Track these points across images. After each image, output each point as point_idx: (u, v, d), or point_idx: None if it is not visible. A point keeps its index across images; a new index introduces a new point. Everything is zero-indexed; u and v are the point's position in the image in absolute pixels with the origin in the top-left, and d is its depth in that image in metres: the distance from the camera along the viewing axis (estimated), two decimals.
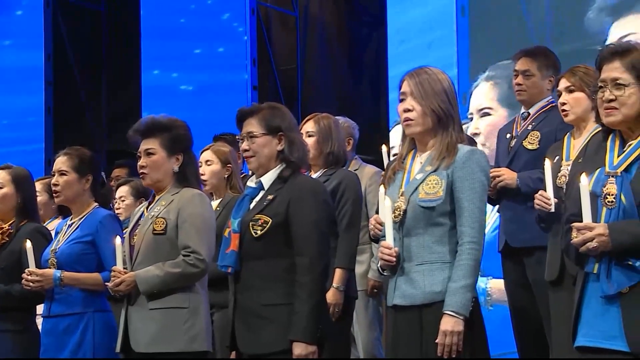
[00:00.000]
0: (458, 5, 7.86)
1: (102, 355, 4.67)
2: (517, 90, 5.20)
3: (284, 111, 4.12)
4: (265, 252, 3.91)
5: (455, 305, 3.52)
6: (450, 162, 3.62)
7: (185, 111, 8.75)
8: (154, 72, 9.99)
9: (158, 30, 9.97)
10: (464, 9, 7.87)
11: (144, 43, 10.01)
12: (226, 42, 9.75)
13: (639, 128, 3.33)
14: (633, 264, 3.22)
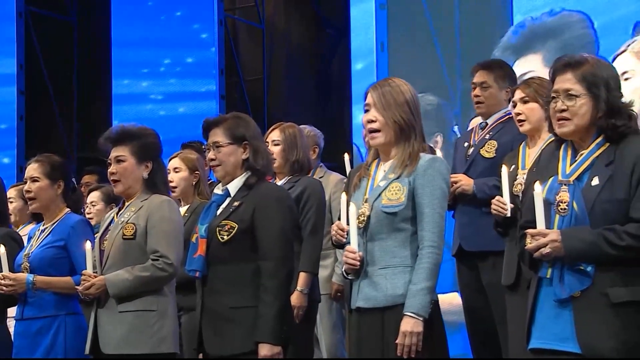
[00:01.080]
0: (377, 42, 8.20)
1: (74, 357, 4.65)
2: (476, 102, 5.22)
3: (248, 121, 4.13)
4: (231, 257, 3.92)
5: (415, 307, 3.53)
6: (412, 170, 3.65)
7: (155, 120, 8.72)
8: (124, 81, 9.94)
9: (128, 41, 9.93)
10: (383, 45, 8.21)
11: (114, 53, 9.97)
12: (195, 53, 9.72)
13: (590, 138, 3.35)
14: (584, 268, 3.24)
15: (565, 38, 6.72)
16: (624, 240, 3.20)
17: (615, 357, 3.19)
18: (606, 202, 3.24)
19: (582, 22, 6.73)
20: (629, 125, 3.32)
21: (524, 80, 4.82)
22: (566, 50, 6.14)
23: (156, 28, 9.89)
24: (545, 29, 6.78)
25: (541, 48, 6.75)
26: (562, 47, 6.61)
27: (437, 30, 7.97)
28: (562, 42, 6.73)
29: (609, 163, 3.28)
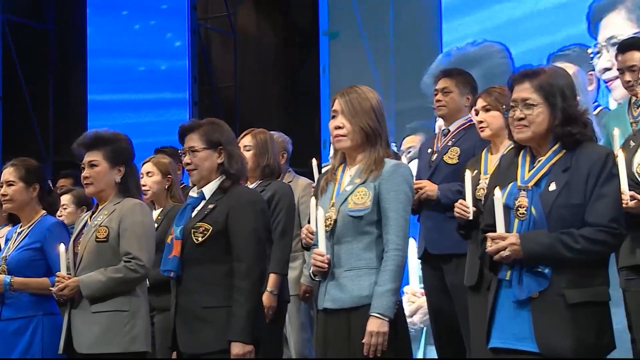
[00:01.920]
0: (320, 65, 8.58)
1: (51, 356, 4.63)
2: (437, 106, 5.24)
3: (223, 126, 4.12)
4: (205, 258, 3.91)
5: (381, 308, 3.54)
6: (377, 175, 3.65)
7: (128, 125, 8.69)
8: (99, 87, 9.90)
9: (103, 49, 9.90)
10: (325, 69, 8.59)
11: (89, 60, 9.95)
12: (168, 61, 9.70)
13: (547, 145, 3.37)
14: (542, 270, 3.26)
15: (486, 66, 6.97)
16: (579, 243, 3.22)
17: (572, 355, 3.21)
18: (563, 207, 3.26)
19: (501, 52, 6.99)
20: (584, 132, 3.35)
21: (486, 89, 4.83)
22: (487, 77, 6.60)
23: (131, 37, 9.88)
24: (469, 58, 7.06)
25: None
26: (484, 74, 6.81)
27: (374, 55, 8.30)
28: (483, 69, 6.95)
29: (566, 169, 3.30)
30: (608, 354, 3.34)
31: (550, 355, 3.23)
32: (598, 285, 3.29)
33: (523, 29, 7.27)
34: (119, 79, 9.82)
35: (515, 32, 7.25)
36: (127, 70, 9.78)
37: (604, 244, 3.26)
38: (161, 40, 9.74)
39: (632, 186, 3.99)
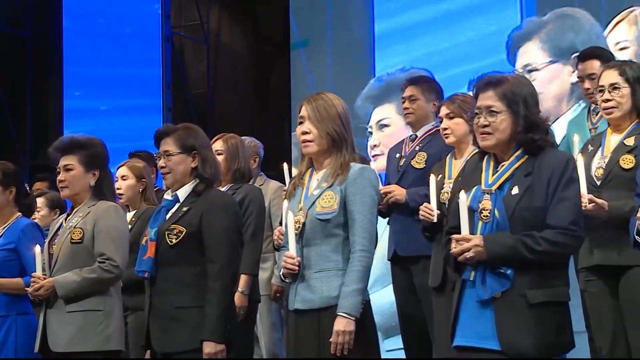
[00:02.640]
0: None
1: (24, 356, 4.59)
2: (406, 113, 5.24)
3: (197, 131, 4.10)
4: (179, 259, 3.88)
5: (348, 307, 3.53)
6: (344, 179, 3.65)
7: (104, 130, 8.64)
8: (75, 93, 9.85)
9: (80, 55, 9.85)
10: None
11: (66, 67, 9.89)
12: (142, 67, 9.66)
13: (510, 150, 3.37)
14: (505, 271, 3.26)
15: None
16: (540, 245, 3.22)
17: (532, 353, 3.21)
18: (525, 210, 3.26)
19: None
20: (545, 139, 3.36)
21: (449, 97, 4.85)
22: None
23: (106, 44, 9.83)
24: (398, 83, 7.02)
25: (395, 98, 7.09)
26: None
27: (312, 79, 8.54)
28: None
29: (528, 174, 3.30)
30: (568, 352, 3.34)
31: (512, 353, 3.23)
32: (558, 285, 3.30)
33: (448, 57, 7.57)
34: (95, 85, 9.78)
35: (441, 60, 7.56)
36: (103, 76, 9.74)
37: (565, 246, 3.27)
38: (135, 47, 9.71)
39: (591, 189, 4.02)
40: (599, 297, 4.14)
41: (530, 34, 6.57)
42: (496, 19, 7.39)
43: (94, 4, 10.04)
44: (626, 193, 3.77)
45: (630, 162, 3.98)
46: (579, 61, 5.00)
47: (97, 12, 10.00)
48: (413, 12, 7.99)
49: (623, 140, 4.11)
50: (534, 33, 6.24)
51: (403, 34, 7.99)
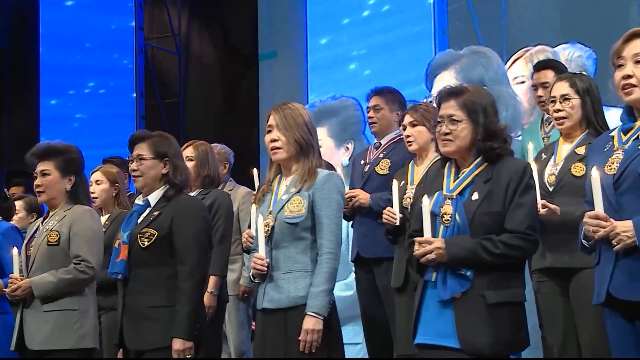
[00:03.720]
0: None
1: (1, 354, 4.51)
2: (370, 122, 5.24)
3: (171, 140, 4.09)
4: (151, 261, 3.86)
5: (316, 307, 3.52)
6: (311, 184, 3.65)
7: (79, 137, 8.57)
8: (51, 102, 9.76)
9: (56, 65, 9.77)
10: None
11: (42, 76, 9.82)
12: (117, 77, 9.62)
13: (470, 157, 3.37)
14: (464, 273, 3.26)
15: (342, 117, 7.38)
16: (498, 248, 3.22)
17: (489, 351, 3.21)
18: (484, 215, 3.26)
19: (354, 105, 7.37)
20: (504, 147, 3.37)
21: (412, 106, 4.84)
22: (343, 125, 7.27)
23: (82, 54, 9.77)
24: (329, 109, 7.47)
25: (326, 123, 7.35)
26: (340, 123, 7.35)
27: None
28: (340, 119, 7.38)
29: (487, 180, 3.31)
30: (523, 350, 3.34)
31: (470, 351, 3.23)
32: (515, 287, 3.30)
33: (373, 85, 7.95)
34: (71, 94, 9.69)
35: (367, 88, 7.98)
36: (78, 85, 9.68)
37: (521, 249, 3.27)
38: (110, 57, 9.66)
39: (544, 195, 4.03)
40: (551, 297, 4.14)
41: (447, 64, 6.81)
42: (414, 53, 7.75)
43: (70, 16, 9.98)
44: (577, 199, 3.76)
45: (581, 170, 4.00)
46: (535, 71, 5.05)
47: (73, 24, 9.95)
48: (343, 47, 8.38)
49: (574, 149, 4.13)
50: (450, 64, 6.46)
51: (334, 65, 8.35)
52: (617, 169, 3.05)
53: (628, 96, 3.09)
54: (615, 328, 3.08)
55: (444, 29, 7.68)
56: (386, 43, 8.09)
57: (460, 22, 7.61)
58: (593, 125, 4.14)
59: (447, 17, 7.68)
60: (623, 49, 3.11)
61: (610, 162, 3.08)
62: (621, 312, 3.04)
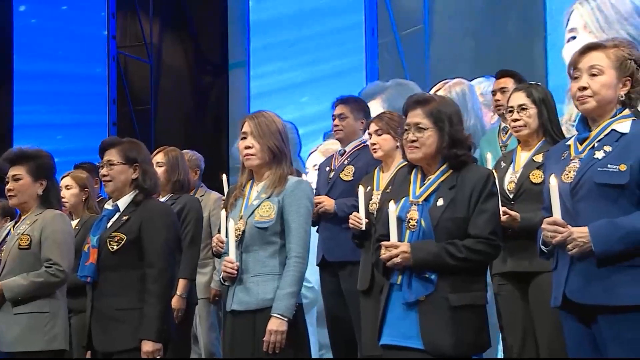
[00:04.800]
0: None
1: None
2: (335, 130, 5.23)
3: (141, 146, 4.07)
4: (120, 265, 3.82)
5: (281, 309, 3.50)
6: (281, 190, 3.63)
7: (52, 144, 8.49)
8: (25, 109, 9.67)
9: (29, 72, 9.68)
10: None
11: (16, 83, 9.72)
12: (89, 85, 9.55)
13: (436, 165, 3.37)
14: (429, 276, 3.24)
15: None
16: (462, 252, 3.22)
17: (452, 352, 3.20)
18: (449, 220, 3.25)
19: (290, 129, 7.64)
20: (469, 155, 3.37)
21: (378, 115, 4.84)
22: None
23: (55, 62, 9.70)
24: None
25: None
26: None
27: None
28: None
29: (452, 187, 3.30)
30: (484, 351, 3.33)
31: (433, 352, 3.21)
32: (477, 290, 3.29)
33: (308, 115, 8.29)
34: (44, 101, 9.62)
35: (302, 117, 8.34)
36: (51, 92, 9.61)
37: (484, 254, 3.26)
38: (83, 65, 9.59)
39: (504, 202, 4.03)
40: (511, 300, 4.15)
41: (374, 94, 7.14)
42: (348, 83, 7.97)
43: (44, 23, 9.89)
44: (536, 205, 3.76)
45: (539, 177, 4.01)
46: (496, 78, 5.14)
47: (46, 32, 9.88)
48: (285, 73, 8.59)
49: (532, 157, 4.15)
50: (377, 94, 6.86)
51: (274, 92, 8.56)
52: (573, 177, 3.05)
53: (582, 106, 3.10)
54: (571, 330, 3.09)
55: (375, 60, 8.01)
56: (324, 72, 8.32)
57: (389, 56, 7.95)
58: (549, 134, 4.16)
59: (377, 51, 8.01)
60: (579, 61, 3.11)
61: (567, 171, 3.08)
62: (577, 315, 3.04)
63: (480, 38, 7.39)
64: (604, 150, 3.03)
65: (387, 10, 7.92)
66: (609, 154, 3.02)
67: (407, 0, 7.87)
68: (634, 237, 2.90)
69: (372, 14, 8.02)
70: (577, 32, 6.64)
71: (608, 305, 2.92)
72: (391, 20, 7.89)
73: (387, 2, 7.95)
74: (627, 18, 6.39)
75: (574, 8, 6.67)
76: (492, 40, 7.29)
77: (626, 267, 2.93)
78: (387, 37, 7.93)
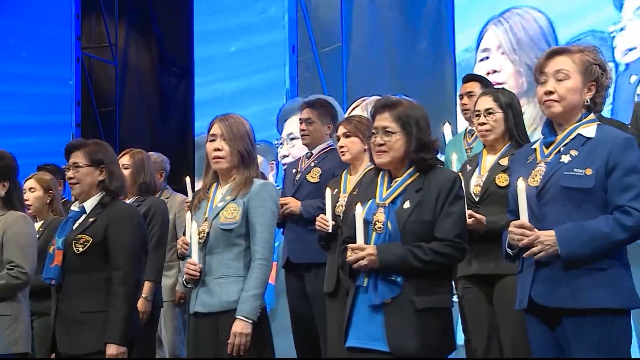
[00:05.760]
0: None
1: None
2: (302, 134, 5.22)
3: (106, 147, 4.03)
4: (85, 267, 3.77)
5: (245, 311, 3.49)
6: (246, 192, 3.62)
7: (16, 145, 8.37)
8: None
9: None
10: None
11: None
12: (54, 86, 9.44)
13: (403, 168, 3.36)
14: (395, 279, 3.23)
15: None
16: (428, 255, 3.21)
17: (417, 354, 3.20)
18: (415, 223, 3.25)
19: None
20: (435, 158, 3.38)
21: (346, 118, 4.86)
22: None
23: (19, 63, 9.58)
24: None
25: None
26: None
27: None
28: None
29: (419, 190, 3.30)
30: (450, 354, 3.34)
31: (398, 354, 3.21)
32: (443, 293, 3.29)
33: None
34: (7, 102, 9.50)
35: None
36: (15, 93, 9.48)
37: (450, 257, 3.26)
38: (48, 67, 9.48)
39: (470, 205, 4.04)
40: (476, 302, 4.16)
41: (294, 111, 7.21)
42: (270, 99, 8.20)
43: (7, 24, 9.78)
44: (502, 209, 3.77)
45: (505, 181, 4.02)
46: (463, 83, 5.14)
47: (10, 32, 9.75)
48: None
49: (498, 160, 4.17)
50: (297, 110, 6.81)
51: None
52: (540, 181, 3.07)
53: (549, 109, 3.11)
54: (536, 333, 3.10)
55: (295, 77, 8.17)
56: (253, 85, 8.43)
57: (308, 72, 8.11)
58: (515, 138, 4.18)
59: (297, 68, 8.17)
60: (545, 65, 3.13)
61: (533, 174, 3.09)
62: (542, 317, 3.05)
63: (396, 56, 7.61)
64: (570, 155, 3.05)
65: (307, 28, 8.11)
66: (574, 158, 3.04)
67: (326, 19, 8.07)
68: (599, 241, 2.93)
69: (292, 31, 8.21)
70: (490, 52, 6.85)
71: (573, 308, 2.94)
72: (311, 38, 8.09)
73: (306, 21, 8.13)
74: (536, 42, 6.58)
75: (488, 28, 6.85)
76: (406, 59, 7.50)
77: (591, 270, 2.95)
78: (306, 55, 8.14)
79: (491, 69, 6.75)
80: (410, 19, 7.54)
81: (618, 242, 2.95)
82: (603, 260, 2.95)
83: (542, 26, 6.55)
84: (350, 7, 7.87)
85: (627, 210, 2.93)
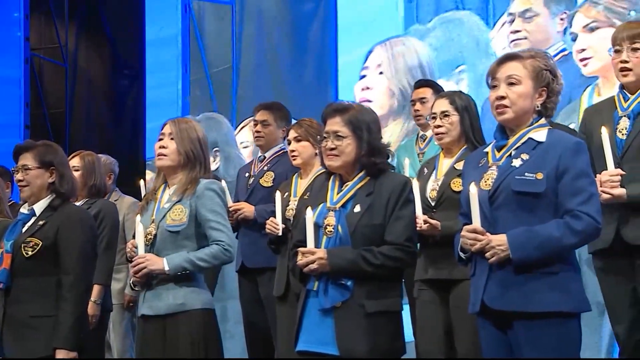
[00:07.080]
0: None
1: None
2: (256, 137, 5.19)
3: (56, 149, 3.97)
4: (34, 271, 3.72)
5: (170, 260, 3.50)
6: (192, 192, 3.60)
7: None
8: None
9: None
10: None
11: None
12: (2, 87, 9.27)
13: (354, 172, 3.38)
14: (345, 283, 3.24)
15: None
16: (378, 259, 3.23)
17: (367, 357, 3.21)
18: (366, 227, 3.26)
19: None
20: (386, 163, 3.39)
21: (297, 122, 4.82)
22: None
23: None
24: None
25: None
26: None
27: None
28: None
29: (369, 194, 3.31)
30: (400, 357, 3.35)
31: (348, 358, 3.21)
32: (393, 297, 3.31)
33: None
34: None
35: None
36: None
37: (400, 260, 3.28)
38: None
39: (426, 210, 4.01)
40: (429, 305, 4.11)
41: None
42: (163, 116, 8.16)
43: None
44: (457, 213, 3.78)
45: (460, 185, 3.98)
46: (415, 88, 5.14)
47: None
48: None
49: (454, 164, 4.12)
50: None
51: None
52: (491, 184, 3.06)
53: (501, 116, 3.13)
54: (488, 337, 3.10)
55: (186, 95, 8.33)
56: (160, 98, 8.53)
57: (199, 91, 8.32)
58: (471, 141, 4.13)
59: (189, 86, 8.35)
60: (497, 70, 3.14)
61: (485, 178, 3.09)
62: (494, 321, 3.05)
63: (281, 78, 7.83)
64: (521, 158, 3.06)
65: (199, 48, 8.32)
66: (525, 162, 3.05)
67: (217, 40, 8.29)
68: (550, 245, 2.93)
69: (185, 51, 8.40)
70: (369, 70, 7.19)
71: (525, 312, 2.95)
72: (202, 58, 8.29)
73: (199, 41, 8.34)
74: (410, 69, 7.00)
75: (374, 49, 7.19)
76: (292, 81, 7.73)
77: (543, 274, 2.96)
78: (198, 74, 8.35)
79: (365, 85, 7.16)
80: (297, 41, 7.83)
81: (569, 246, 2.97)
82: (554, 264, 2.96)
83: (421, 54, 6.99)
84: (241, 30, 8.14)
85: (577, 215, 2.95)
